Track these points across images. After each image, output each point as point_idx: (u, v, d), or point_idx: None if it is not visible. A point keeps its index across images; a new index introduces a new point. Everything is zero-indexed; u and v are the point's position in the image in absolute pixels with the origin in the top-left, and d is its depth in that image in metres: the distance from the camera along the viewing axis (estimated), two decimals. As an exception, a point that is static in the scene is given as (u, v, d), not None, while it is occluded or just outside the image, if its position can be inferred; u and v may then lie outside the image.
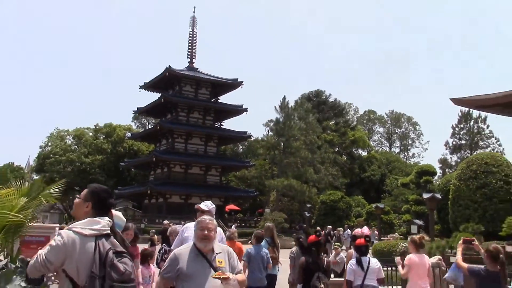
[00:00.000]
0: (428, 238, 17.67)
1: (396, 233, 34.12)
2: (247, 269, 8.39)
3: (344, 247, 28.81)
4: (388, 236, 32.89)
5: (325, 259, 7.05)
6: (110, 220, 3.35)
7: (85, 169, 58.91)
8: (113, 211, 4.11)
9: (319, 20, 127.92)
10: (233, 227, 24.84)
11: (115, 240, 3.28)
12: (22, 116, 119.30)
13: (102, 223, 3.25)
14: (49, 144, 65.56)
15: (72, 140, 65.01)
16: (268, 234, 9.61)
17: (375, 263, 6.90)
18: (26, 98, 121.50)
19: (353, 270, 6.73)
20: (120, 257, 3.18)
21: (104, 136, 64.12)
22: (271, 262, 8.78)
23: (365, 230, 9.78)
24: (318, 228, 29.44)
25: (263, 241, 9.19)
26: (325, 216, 43.94)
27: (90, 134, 64.79)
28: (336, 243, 14.94)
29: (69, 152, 59.86)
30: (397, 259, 7.89)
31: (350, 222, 41.48)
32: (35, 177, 68.09)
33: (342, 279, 11.58)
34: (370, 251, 19.90)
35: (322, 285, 6.56)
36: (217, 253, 4.01)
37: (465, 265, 6.24)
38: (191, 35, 57.19)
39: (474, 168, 22.04)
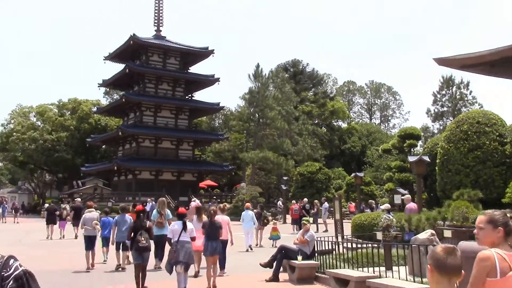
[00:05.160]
0: (414, 206, 15.25)
1: (372, 200, 31.88)
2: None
3: (321, 221, 26.39)
4: (369, 202, 30.73)
5: (147, 222, 10.20)
6: None
7: (50, 147, 55.51)
8: None
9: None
10: None
11: None
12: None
13: None
14: (12, 121, 61.94)
15: (35, 117, 61.39)
16: (161, 206, 12.77)
17: (190, 225, 9.23)
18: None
19: (172, 230, 8.94)
20: None
21: (70, 112, 60.57)
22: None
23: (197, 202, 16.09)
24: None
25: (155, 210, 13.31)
26: (303, 189, 41.59)
27: (55, 110, 61.09)
28: (304, 218, 12.15)
29: (31, 130, 56.29)
30: None
31: (330, 194, 39.14)
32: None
33: (311, 261, 9.89)
34: (350, 225, 17.21)
35: (143, 238, 9.17)
36: None
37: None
38: (157, 1, 53.54)
39: (465, 129, 19.39)
